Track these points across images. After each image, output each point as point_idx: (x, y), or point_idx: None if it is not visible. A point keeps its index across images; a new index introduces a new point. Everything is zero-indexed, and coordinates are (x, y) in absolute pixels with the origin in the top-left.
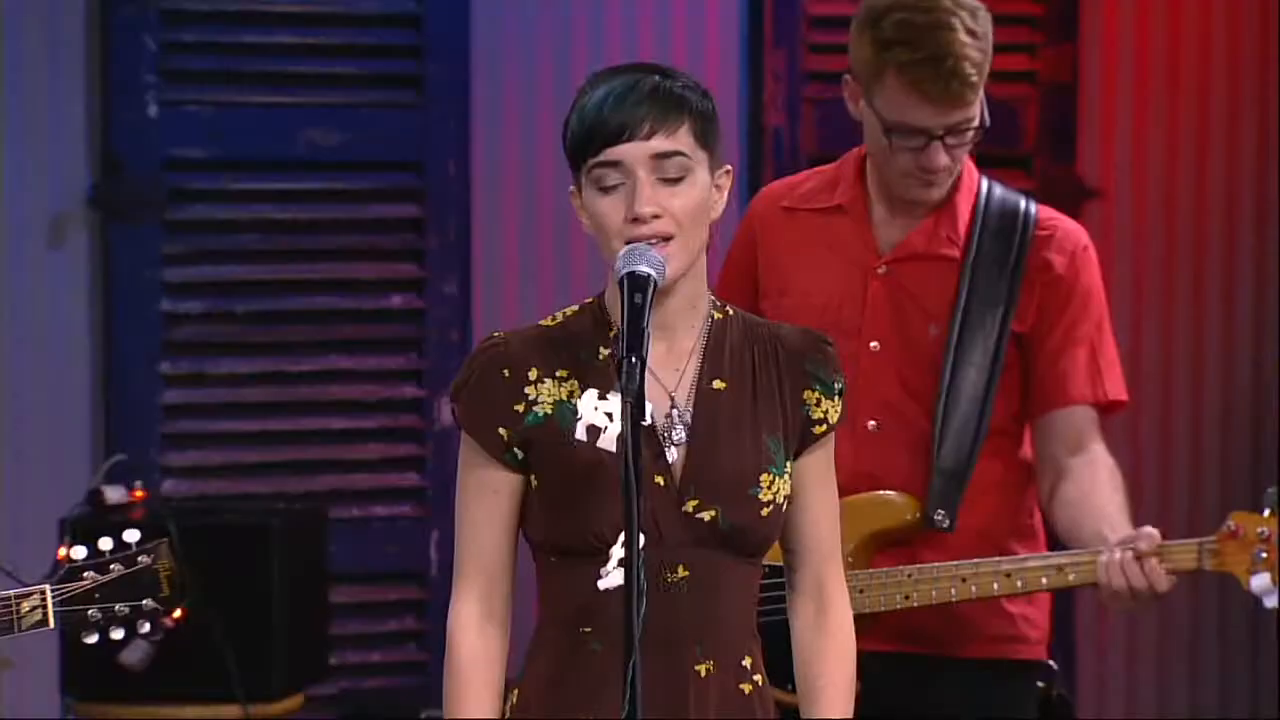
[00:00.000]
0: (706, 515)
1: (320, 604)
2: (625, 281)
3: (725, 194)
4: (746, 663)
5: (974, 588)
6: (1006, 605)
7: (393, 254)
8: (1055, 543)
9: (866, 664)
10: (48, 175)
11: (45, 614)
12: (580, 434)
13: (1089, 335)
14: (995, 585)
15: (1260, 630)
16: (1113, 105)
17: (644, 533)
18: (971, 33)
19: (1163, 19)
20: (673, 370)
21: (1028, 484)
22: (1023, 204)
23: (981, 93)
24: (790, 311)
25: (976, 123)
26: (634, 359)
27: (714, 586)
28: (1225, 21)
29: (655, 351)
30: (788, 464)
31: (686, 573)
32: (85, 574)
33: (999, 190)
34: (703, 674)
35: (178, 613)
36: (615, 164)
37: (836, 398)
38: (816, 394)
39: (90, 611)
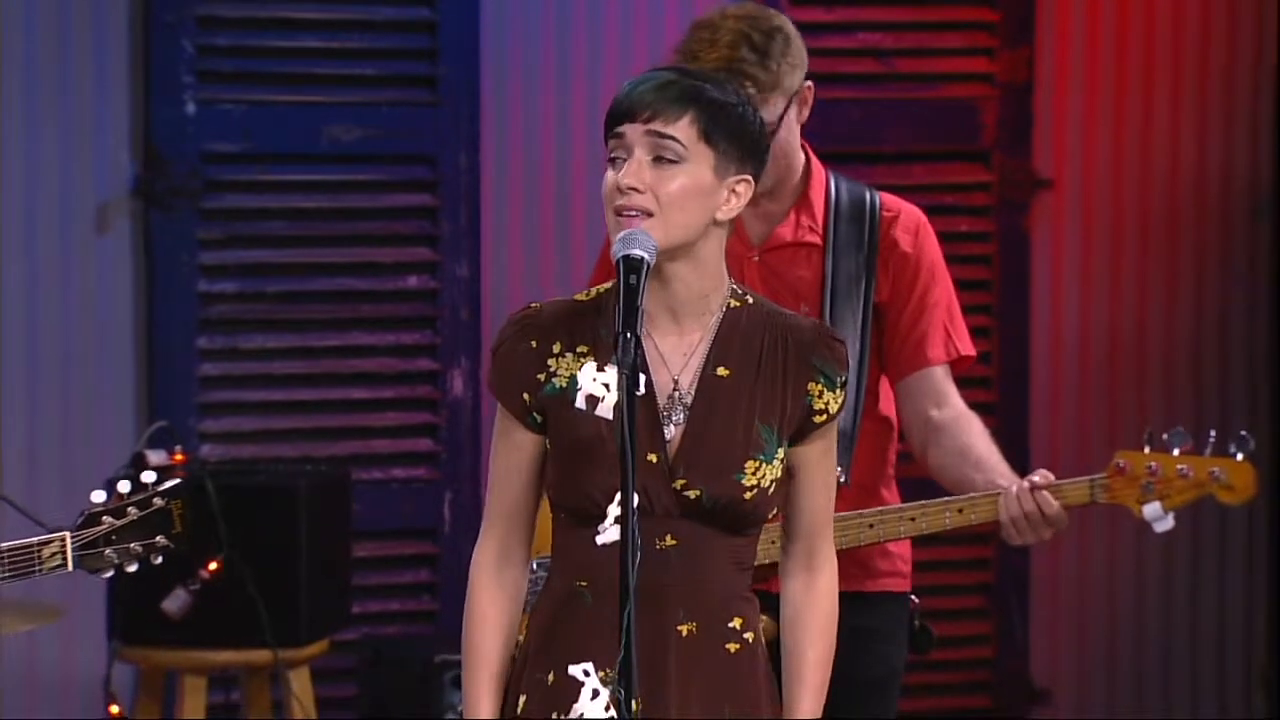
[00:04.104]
0: (693, 493)
1: (343, 558)
2: (620, 264)
3: (740, 200)
4: (735, 624)
5: (881, 533)
6: (889, 545)
7: (409, 239)
8: (908, 489)
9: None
10: (94, 167)
11: (65, 558)
12: (580, 403)
13: (939, 300)
14: (901, 529)
15: (1200, 551)
16: (1065, 104)
17: (637, 502)
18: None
19: (1112, 26)
20: (681, 355)
21: (888, 436)
22: (867, 194)
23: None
24: None
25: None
26: (628, 335)
27: (700, 555)
28: (1169, 28)
29: (667, 337)
30: (780, 450)
31: (675, 541)
32: (104, 519)
33: (844, 183)
34: (684, 634)
35: (214, 565)
36: (620, 139)
37: (839, 390)
38: (820, 387)
39: (106, 552)
